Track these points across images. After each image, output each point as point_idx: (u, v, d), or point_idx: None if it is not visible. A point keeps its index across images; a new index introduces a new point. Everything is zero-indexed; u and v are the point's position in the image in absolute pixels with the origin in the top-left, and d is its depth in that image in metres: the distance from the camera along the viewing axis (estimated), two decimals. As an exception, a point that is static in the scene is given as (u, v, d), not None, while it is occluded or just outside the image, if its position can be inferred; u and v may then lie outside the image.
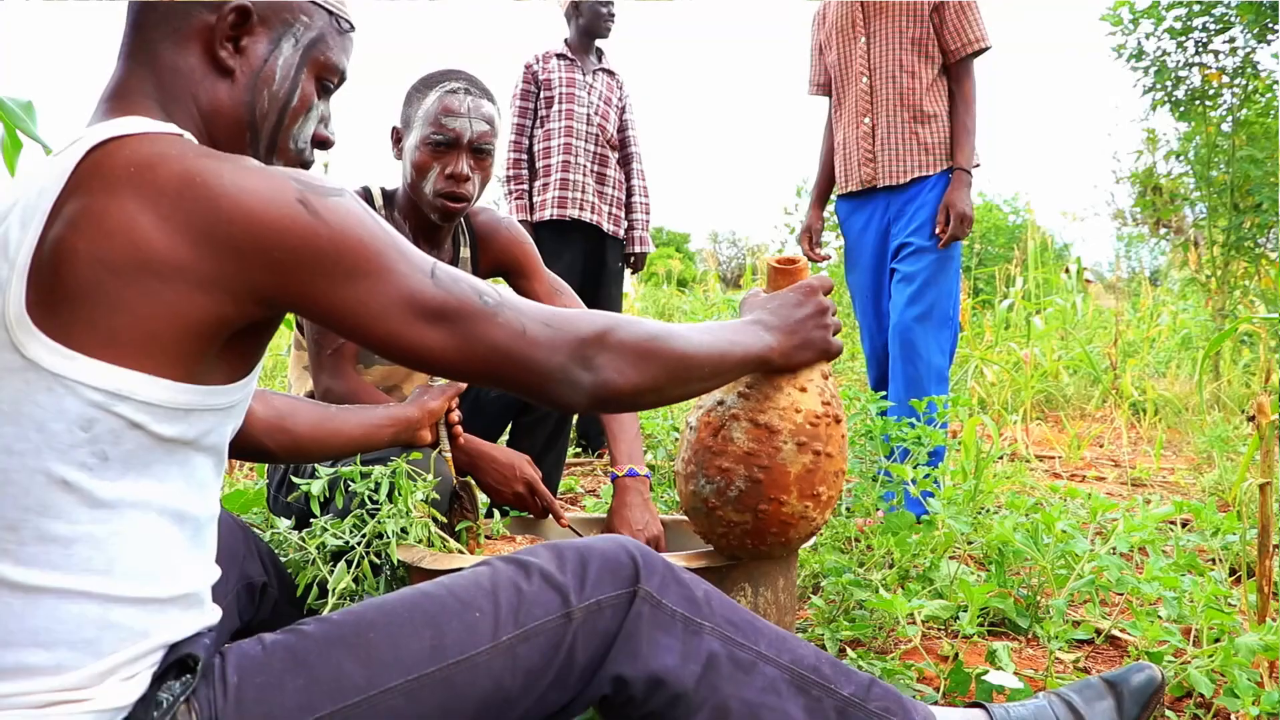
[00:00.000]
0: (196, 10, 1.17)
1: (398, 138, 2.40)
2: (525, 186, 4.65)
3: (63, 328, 0.97)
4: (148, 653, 1.04)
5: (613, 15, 4.68)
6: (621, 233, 4.77)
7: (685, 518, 2.35)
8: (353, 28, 1.32)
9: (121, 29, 1.20)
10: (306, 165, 1.31)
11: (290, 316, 2.94)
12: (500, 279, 2.62)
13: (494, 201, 7.20)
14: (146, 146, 1.02)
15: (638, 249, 4.83)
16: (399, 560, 1.80)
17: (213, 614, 1.15)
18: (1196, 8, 6.07)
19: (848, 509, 2.84)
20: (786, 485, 1.59)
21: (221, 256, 0.98)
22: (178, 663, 1.06)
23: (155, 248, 0.96)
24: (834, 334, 1.56)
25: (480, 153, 2.30)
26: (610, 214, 4.69)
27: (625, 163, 4.80)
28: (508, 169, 4.64)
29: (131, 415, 0.99)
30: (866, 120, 3.47)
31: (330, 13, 1.27)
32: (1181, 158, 6.70)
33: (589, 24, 4.66)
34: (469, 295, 1.12)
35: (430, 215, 2.34)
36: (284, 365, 6.04)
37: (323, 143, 1.33)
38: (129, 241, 0.96)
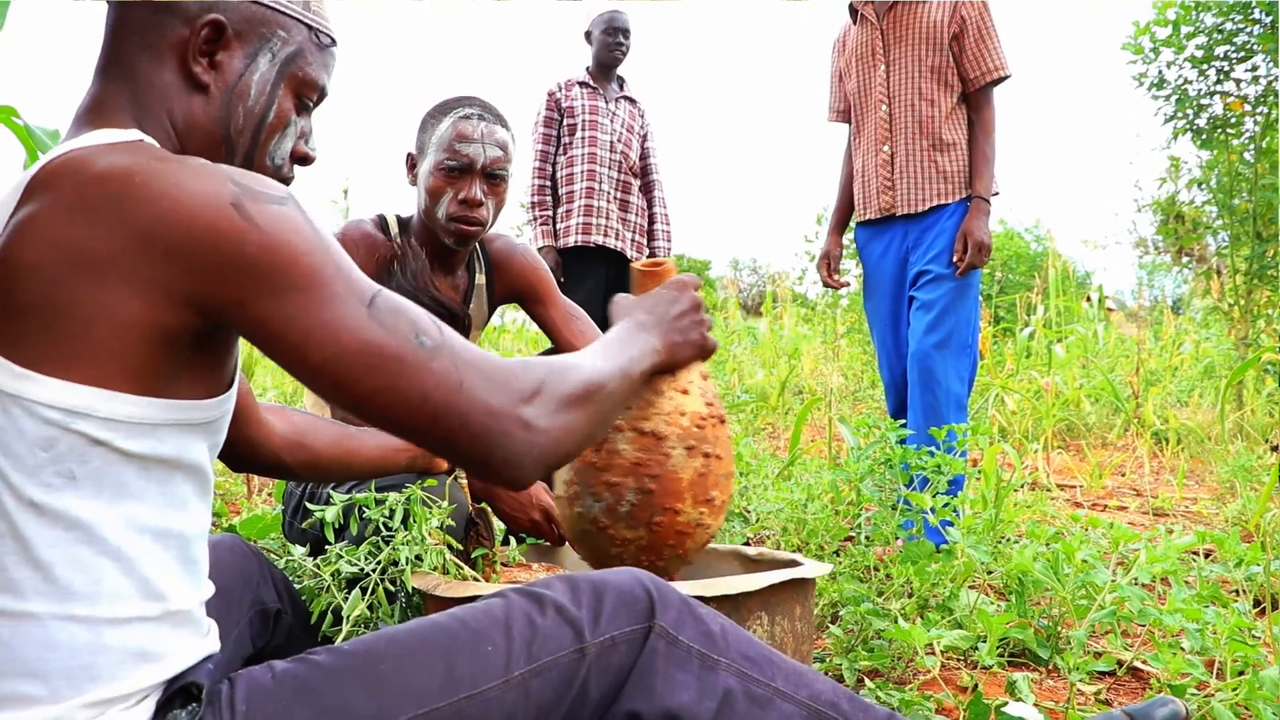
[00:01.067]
0: (172, 24, 1.15)
1: (412, 163, 2.41)
2: (549, 213, 4.68)
3: (16, 345, 0.95)
4: (148, 678, 1.03)
5: (620, 45, 4.71)
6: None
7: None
8: (334, 42, 1.29)
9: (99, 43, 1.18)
10: (287, 182, 1.28)
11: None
12: (517, 304, 2.63)
13: (518, 228, 7.23)
14: (100, 155, 0.99)
15: None
16: (414, 588, 1.80)
17: (212, 640, 1.13)
18: (1218, 36, 6.06)
19: (867, 537, 2.82)
20: (680, 493, 1.53)
21: (154, 258, 0.95)
22: (183, 690, 1.05)
23: (91, 250, 0.94)
24: (708, 330, 1.51)
25: (494, 178, 2.31)
26: (633, 240, 4.73)
27: (647, 190, 4.84)
28: (531, 195, 4.68)
29: (92, 432, 0.97)
30: (885, 148, 3.47)
31: (310, 27, 1.24)
32: (1203, 186, 6.68)
33: (598, 54, 4.71)
34: (405, 335, 1.02)
35: (444, 239, 2.35)
36: (302, 391, 6.06)
37: (303, 159, 1.30)
38: (67, 246, 0.94)
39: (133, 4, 1.16)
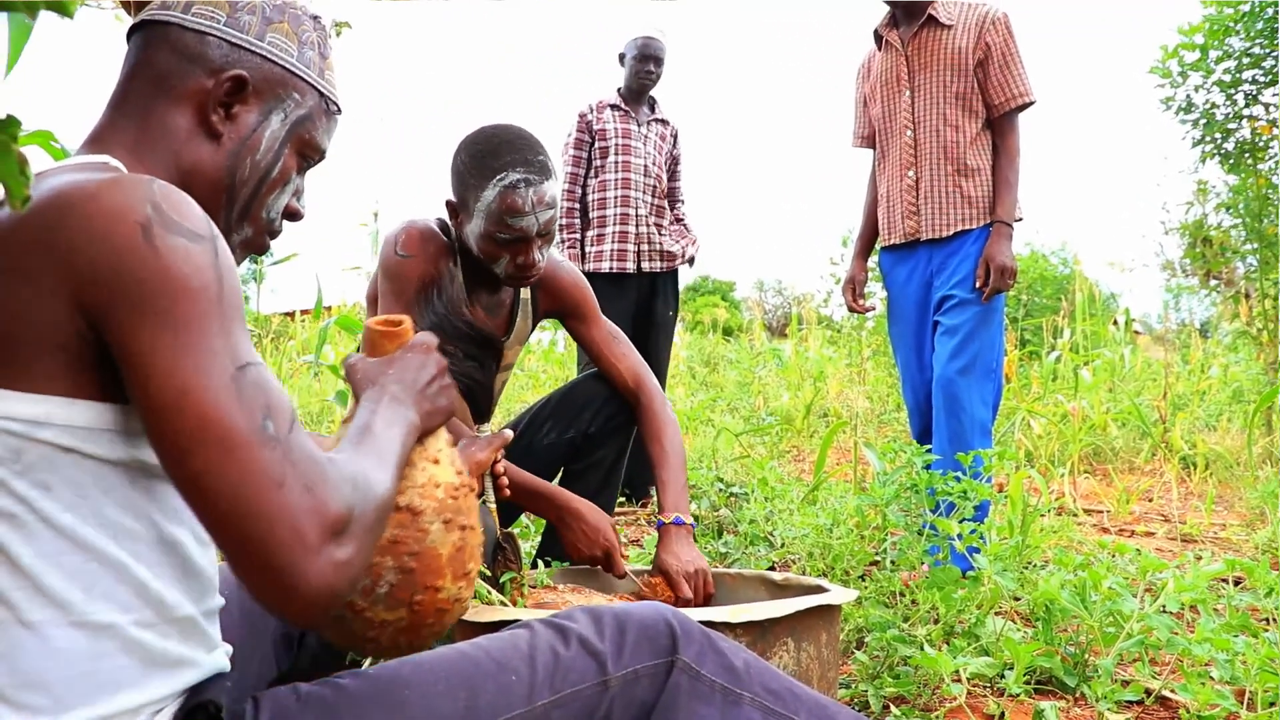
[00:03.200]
0: (195, 73, 1.20)
1: (454, 211, 2.36)
2: (578, 235, 4.68)
3: None
4: (155, 689, 1.03)
5: (651, 74, 4.69)
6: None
7: (729, 570, 2.34)
8: (340, 111, 1.35)
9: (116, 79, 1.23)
10: (275, 235, 1.33)
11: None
12: (557, 321, 2.64)
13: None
14: (57, 174, 1.01)
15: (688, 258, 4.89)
16: (442, 611, 1.81)
17: (220, 656, 1.13)
18: (1246, 60, 6.05)
19: (892, 563, 2.82)
20: (440, 569, 1.41)
21: (62, 263, 0.95)
22: (200, 708, 1.05)
23: (18, 258, 0.95)
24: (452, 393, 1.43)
25: (546, 234, 2.31)
26: (665, 265, 4.74)
27: (670, 210, 4.84)
28: (560, 218, 4.67)
29: (58, 440, 0.97)
30: (910, 173, 3.48)
31: (322, 94, 1.31)
32: (1231, 210, 6.65)
33: (629, 79, 4.71)
34: (252, 412, 0.95)
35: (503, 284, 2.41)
36: (330, 409, 6.08)
37: (293, 215, 1.34)
38: (5, 258, 0.96)
39: (159, 50, 1.20)
